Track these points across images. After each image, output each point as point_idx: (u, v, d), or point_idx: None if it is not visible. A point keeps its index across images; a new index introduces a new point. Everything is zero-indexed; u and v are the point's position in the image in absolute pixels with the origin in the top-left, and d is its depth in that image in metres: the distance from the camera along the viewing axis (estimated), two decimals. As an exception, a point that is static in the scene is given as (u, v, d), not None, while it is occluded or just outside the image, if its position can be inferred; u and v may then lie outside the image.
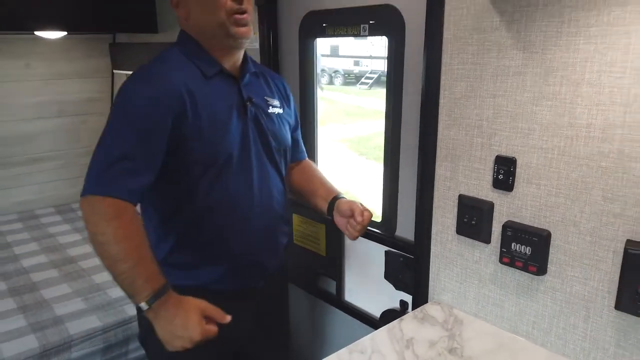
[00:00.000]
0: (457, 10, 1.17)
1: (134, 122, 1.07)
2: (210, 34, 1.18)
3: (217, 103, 1.17)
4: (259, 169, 1.24)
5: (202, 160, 1.15)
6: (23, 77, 2.89)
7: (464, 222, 1.25)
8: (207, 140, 1.14)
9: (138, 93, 1.10)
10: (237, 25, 1.15)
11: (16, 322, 1.75)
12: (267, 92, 1.32)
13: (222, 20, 1.13)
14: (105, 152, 1.06)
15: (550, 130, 1.05)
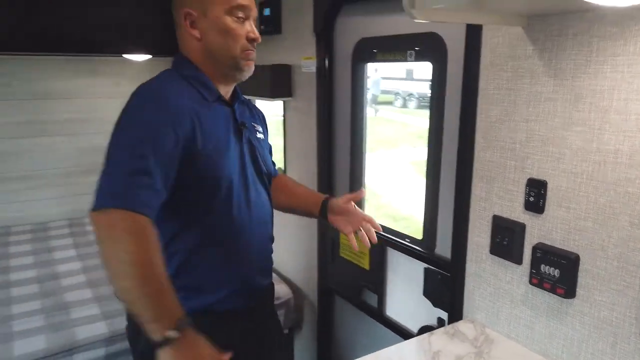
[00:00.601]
0: (493, 39, 1.23)
1: (150, 140, 1.03)
2: (219, 61, 1.20)
3: (218, 127, 1.19)
4: (254, 191, 1.26)
5: (205, 182, 1.15)
6: (113, 94, 3.23)
7: (497, 242, 1.28)
8: (212, 163, 1.14)
9: (153, 113, 1.07)
10: (247, 61, 1.21)
11: (90, 310, 1.98)
12: (252, 118, 1.36)
13: (237, 54, 1.18)
14: (122, 165, 1.01)
15: (579, 155, 1.08)
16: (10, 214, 3.08)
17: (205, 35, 1.18)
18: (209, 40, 1.18)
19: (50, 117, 3.09)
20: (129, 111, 1.07)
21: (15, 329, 1.86)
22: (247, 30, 1.20)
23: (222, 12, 1.17)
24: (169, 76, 1.19)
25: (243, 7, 1.18)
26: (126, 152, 1.02)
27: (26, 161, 3.07)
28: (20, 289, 2.20)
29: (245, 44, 1.19)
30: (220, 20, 1.17)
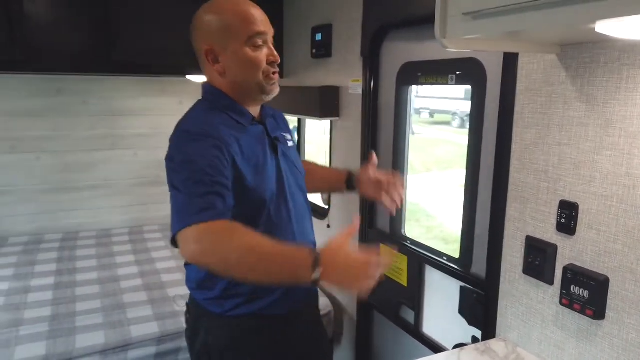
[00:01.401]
0: (529, 65, 1.28)
1: (209, 172, 1.12)
2: (246, 90, 1.28)
3: (255, 147, 1.28)
4: (293, 199, 1.34)
5: (249, 201, 1.23)
6: (176, 112, 3.42)
7: (530, 262, 1.30)
8: (253, 183, 1.23)
9: (202, 148, 1.15)
10: (271, 84, 1.28)
11: (145, 311, 2.14)
12: (280, 128, 1.44)
13: (260, 80, 1.26)
14: (195, 192, 1.10)
15: (609, 178, 1.10)
16: (80, 220, 3.36)
17: (228, 69, 1.26)
18: (232, 73, 1.26)
19: (120, 132, 3.37)
20: (179, 151, 1.18)
21: (78, 324, 2.04)
22: (267, 54, 1.26)
23: (241, 44, 1.23)
24: (205, 109, 1.28)
25: (260, 33, 1.24)
26: (189, 187, 1.12)
27: (96, 172, 3.35)
28: (84, 288, 2.40)
29: (267, 68, 1.26)
30: (240, 53, 1.23)
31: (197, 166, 1.13)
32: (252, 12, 1.25)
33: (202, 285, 1.32)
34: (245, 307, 1.30)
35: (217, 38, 1.24)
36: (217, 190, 1.12)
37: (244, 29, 1.23)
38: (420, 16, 1.58)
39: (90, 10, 2.48)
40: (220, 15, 1.25)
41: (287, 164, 1.37)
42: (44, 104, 3.12)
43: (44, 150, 3.17)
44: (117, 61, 2.58)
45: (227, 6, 1.26)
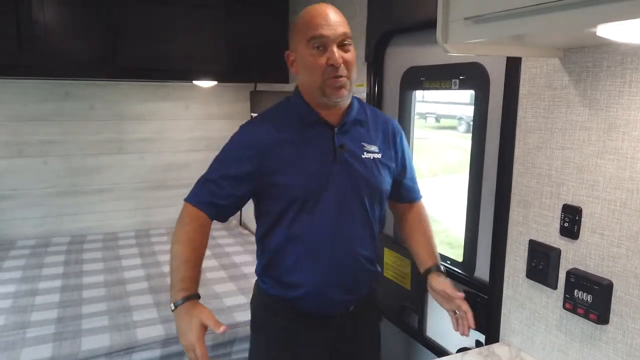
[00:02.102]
0: (532, 69, 1.28)
1: (228, 160, 1.34)
2: (310, 91, 1.33)
3: (305, 148, 1.33)
4: (338, 209, 1.34)
5: (284, 196, 1.32)
6: (183, 116, 3.51)
7: (533, 266, 1.30)
8: (291, 179, 1.31)
9: (235, 141, 1.37)
10: (332, 88, 1.27)
11: (150, 314, 2.15)
12: (366, 138, 1.39)
13: (319, 83, 1.27)
14: (206, 173, 1.36)
15: (613, 182, 1.10)
16: (87, 223, 3.39)
17: (298, 71, 1.34)
18: (300, 75, 1.34)
19: (127, 136, 3.40)
20: (228, 141, 1.38)
21: (84, 326, 2.05)
22: (327, 58, 1.24)
23: (303, 47, 1.27)
24: (277, 105, 1.43)
25: (319, 36, 1.24)
26: (214, 163, 1.37)
27: (103, 176, 3.38)
28: (91, 291, 2.42)
29: (327, 72, 1.25)
30: (302, 55, 1.28)
31: (220, 159, 1.35)
32: (319, 15, 1.26)
33: (257, 256, 1.47)
34: (276, 289, 1.42)
35: (292, 42, 1.34)
36: (218, 184, 1.33)
37: (304, 32, 1.27)
38: (423, 21, 1.59)
39: (97, 17, 2.52)
40: (296, 20, 1.33)
41: (347, 173, 1.34)
42: (51, 109, 3.16)
43: (51, 155, 3.21)
44: (124, 66, 2.61)
45: (304, 11, 1.31)
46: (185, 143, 3.53)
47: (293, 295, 1.40)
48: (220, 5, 2.74)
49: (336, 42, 1.25)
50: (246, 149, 1.33)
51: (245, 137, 1.36)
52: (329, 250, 1.35)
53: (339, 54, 1.25)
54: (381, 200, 1.42)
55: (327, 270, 1.36)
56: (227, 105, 3.59)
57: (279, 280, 1.41)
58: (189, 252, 1.28)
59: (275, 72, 2.90)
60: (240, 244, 3.22)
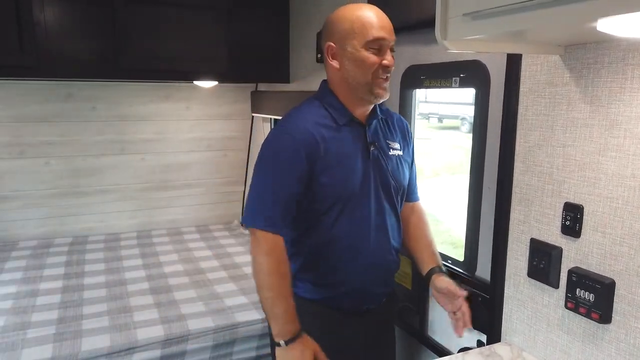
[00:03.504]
0: (532, 66, 1.27)
1: (288, 171, 1.31)
2: (354, 87, 1.36)
3: (345, 147, 1.37)
4: (376, 206, 1.41)
5: (329, 195, 1.35)
6: (184, 117, 3.50)
7: (534, 265, 1.29)
8: (336, 178, 1.35)
9: (285, 145, 1.33)
10: (379, 87, 1.35)
11: (151, 314, 2.14)
12: (389, 135, 1.50)
13: (369, 81, 1.34)
14: (271, 193, 1.32)
15: (614, 180, 1.09)
16: (89, 224, 3.39)
17: (343, 65, 1.36)
18: (345, 69, 1.35)
19: (128, 137, 3.39)
20: (271, 141, 1.37)
21: (84, 327, 2.04)
22: (381, 59, 1.33)
23: (359, 45, 1.32)
24: (310, 103, 1.43)
25: (378, 39, 1.31)
26: (271, 180, 1.33)
27: (105, 177, 3.37)
28: (91, 292, 2.42)
29: (378, 71, 1.33)
30: (356, 52, 1.32)
31: (278, 164, 1.33)
32: (376, 18, 1.33)
33: (290, 257, 1.41)
34: (310, 292, 1.44)
35: (340, 37, 1.35)
36: (287, 202, 1.32)
37: (364, 32, 1.31)
38: (423, 19, 1.57)
39: (99, 17, 2.51)
40: (346, 18, 1.35)
41: (379, 170, 1.43)
42: (53, 110, 3.16)
43: (53, 155, 3.21)
44: (125, 67, 2.61)
45: (355, 10, 1.34)
46: (187, 143, 3.53)
47: (333, 295, 1.44)
48: (222, 6, 2.74)
49: (390, 46, 1.35)
50: (296, 153, 1.31)
51: (290, 141, 1.33)
52: (369, 247, 1.42)
53: (390, 57, 1.34)
54: (403, 195, 1.53)
55: (368, 267, 1.44)
56: (228, 105, 3.59)
57: (317, 282, 1.44)
58: (280, 283, 1.31)
59: (276, 73, 2.90)
60: (242, 244, 3.22)
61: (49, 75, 2.61)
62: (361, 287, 1.46)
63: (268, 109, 3.07)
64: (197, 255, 2.97)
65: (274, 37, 2.87)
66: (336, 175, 1.35)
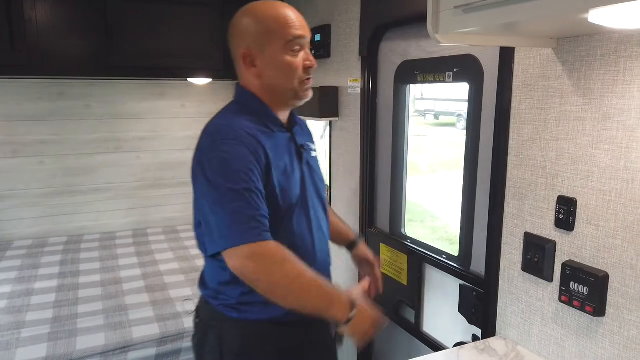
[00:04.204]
0: (525, 60, 1.27)
1: (248, 182, 1.13)
2: (279, 94, 1.27)
3: (283, 153, 1.27)
4: (313, 209, 1.33)
5: (273, 207, 1.21)
6: (179, 114, 3.49)
7: (528, 259, 1.29)
8: (280, 188, 1.22)
9: (238, 154, 1.15)
10: (305, 90, 1.28)
11: (146, 313, 2.14)
12: (306, 137, 1.42)
13: (295, 86, 1.25)
14: (232, 208, 1.12)
15: (608, 173, 1.09)
16: (84, 223, 3.37)
17: (264, 73, 1.25)
18: (268, 76, 1.25)
19: (122, 135, 3.37)
20: (214, 151, 1.16)
21: (79, 326, 2.03)
22: (303, 60, 1.25)
23: (279, 49, 1.22)
24: (236, 112, 1.27)
25: (298, 37, 1.23)
26: (231, 196, 1.12)
27: (99, 175, 3.35)
28: (86, 291, 2.40)
29: (302, 74, 1.25)
30: (277, 57, 1.22)
31: (235, 174, 1.13)
32: (291, 15, 1.24)
33: (221, 293, 1.29)
34: (262, 313, 1.28)
35: (255, 42, 1.23)
36: (258, 204, 1.14)
37: (282, 33, 1.22)
38: (417, 14, 1.57)
39: (91, 14, 2.50)
40: (258, 19, 1.23)
41: (310, 173, 1.36)
42: (46, 108, 3.14)
43: (46, 154, 3.18)
44: (118, 65, 2.59)
45: (266, 10, 1.24)
46: (182, 141, 3.51)
47: (282, 312, 1.25)
48: (215, 3, 2.72)
49: (308, 43, 1.27)
50: (247, 158, 1.16)
51: (242, 133, 1.19)
52: (314, 250, 1.34)
53: (312, 56, 1.27)
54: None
55: (316, 270, 1.31)
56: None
57: (264, 303, 1.23)
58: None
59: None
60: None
61: (41, 73, 2.60)
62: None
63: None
64: (192, 253, 2.96)
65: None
66: (282, 182, 1.23)
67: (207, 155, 1.17)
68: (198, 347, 1.39)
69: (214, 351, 1.31)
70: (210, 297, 1.33)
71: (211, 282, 1.32)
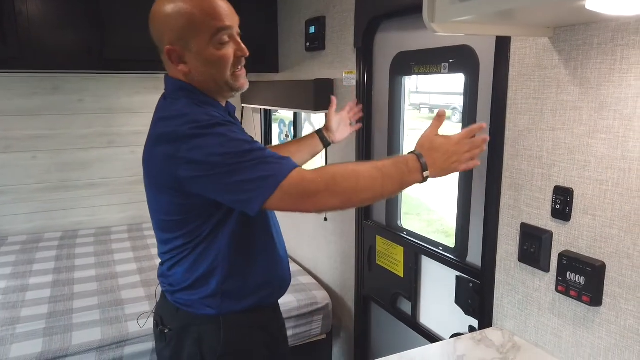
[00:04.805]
0: (521, 50, 1.26)
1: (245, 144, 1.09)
2: (213, 86, 1.20)
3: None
4: None
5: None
6: (173, 109, 3.46)
7: (525, 249, 1.29)
8: None
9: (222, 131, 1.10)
10: (239, 80, 1.21)
11: (142, 307, 2.12)
12: (239, 124, 1.36)
13: (227, 79, 1.18)
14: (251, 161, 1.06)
15: (604, 162, 1.08)
16: (79, 218, 3.35)
17: (194, 69, 1.17)
18: (199, 73, 1.17)
19: (117, 129, 3.34)
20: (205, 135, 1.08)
21: (75, 321, 2.02)
22: (234, 50, 1.17)
23: (205, 42, 1.13)
24: (186, 103, 1.17)
25: (225, 28, 1.14)
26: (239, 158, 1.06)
27: (94, 170, 3.33)
28: (82, 286, 2.39)
29: (235, 64, 1.18)
30: (205, 52, 1.14)
31: (236, 141, 1.08)
32: (215, 4, 1.14)
33: (197, 283, 1.24)
34: (239, 302, 1.27)
35: (179, 37, 1.14)
36: (267, 150, 1.10)
37: (207, 25, 1.12)
38: (412, 5, 1.55)
39: (83, 7, 2.47)
40: (179, 10, 1.12)
41: None
42: (39, 103, 3.11)
43: (40, 149, 3.16)
44: (111, 58, 2.56)
45: (188, 1, 1.13)
46: (176, 136, 3.50)
47: (259, 298, 1.30)
48: (208, -5, 2.69)
49: (237, 32, 1.20)
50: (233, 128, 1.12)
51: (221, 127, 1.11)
52: (277, 234, 1.37)
53: (242, 45, 1.20)
54: None
55: (283, 255, 1.38)
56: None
57: (243, 289, 1.27)
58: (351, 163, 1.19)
59: (265, 63, 2.87)
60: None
61: (32, 67, 2.57)
62: (287, 276, 1.39)
63: (257, 100, 3.04)
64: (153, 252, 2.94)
65: (262, 26, 2.83)
66: None
67: (200, 142, 1.08)
68: (173, 358, 1.32)
69: (193, 357, 1.27)
70: (183, 291, 1.27)
71: (181, 276, 1.26)
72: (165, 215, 1.22)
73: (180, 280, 1.26)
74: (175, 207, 1.18)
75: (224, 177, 1.06)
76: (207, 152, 1.06)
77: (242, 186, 1.06)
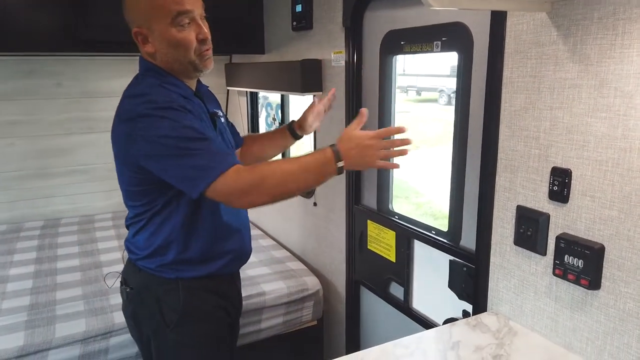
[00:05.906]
0: (518, 26, 1.21)
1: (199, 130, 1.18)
2: (177, 68, 1.26)
3: (202, 120, 1.27)
4: None
5: None
6: (155, 92, 3.36)
7: (521, 233, 1.26)
8: None
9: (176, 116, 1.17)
10: (204, 61, 1.27)
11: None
12: (215, 104, 1.48)
13: (193, 59, 1.24)
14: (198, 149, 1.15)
15: (604, 142, 1.05)
16: (60, 206, 3.27)
17: (158, 50, 1.24)
18: (163, 53, 1.24)
19: (97, 114, 3.24)
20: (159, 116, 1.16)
21: (58, 312, 1.97)
22: (196, 33, 1.23)
23: (166, 25, 1.20)
24: (151, 83, 1.24)
25: (184, 12, 1.20)
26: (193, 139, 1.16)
27: (74, 157, 3.24)
28: (65, 276, 2.33)
29: (198, 47, 1.24)
30: (166, 34, 1.21)
31: (187, 128, 1.16)
32: None
33: (156, 253, 1.33)
34: (198, 270, 1.36)
35: (144, 19, 1.22)
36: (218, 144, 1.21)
37: (167, 9, 1.19)
38: (403, -21, 1.50)
39: (57, -14, 2.35)
40: None
41: (223, 138, 1.39)
42: (14, 87, 2.99)
43: (17, 136, 3.05)
44: (88, 39, 2.45)
45: None
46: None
47: (217, 266, 1.39)
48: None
49: (201, 15, 1.25)
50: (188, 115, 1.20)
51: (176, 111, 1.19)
52: (236, 212, 1.42)
53: (205, 29, 1.25)
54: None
55: (240, 228, 1.44)
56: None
57: (200, 259, 1.36)
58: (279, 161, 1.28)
59: (251, 43, 2.78)
60: None
61: (7, 49, 2.46)
62: (246, 248, 1.48)
63: (244, 82, 2.96)
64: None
65: (247, 5, 2.74)
66: None
67: (146, 121, 1.17)
68: (134, 316, 1.44)
69: (153, 316, 1.36)
70: (144, 259, 1.36)
71: (142, 243, 1.35)
72: (127, 186, 1.34)
73: (142, 247, 1.36)
74: (135, 180, 1.29)
75: (171, 159, 1.16)
76: (159, 133, 1.15)
77: (186, 171, 1.16)
